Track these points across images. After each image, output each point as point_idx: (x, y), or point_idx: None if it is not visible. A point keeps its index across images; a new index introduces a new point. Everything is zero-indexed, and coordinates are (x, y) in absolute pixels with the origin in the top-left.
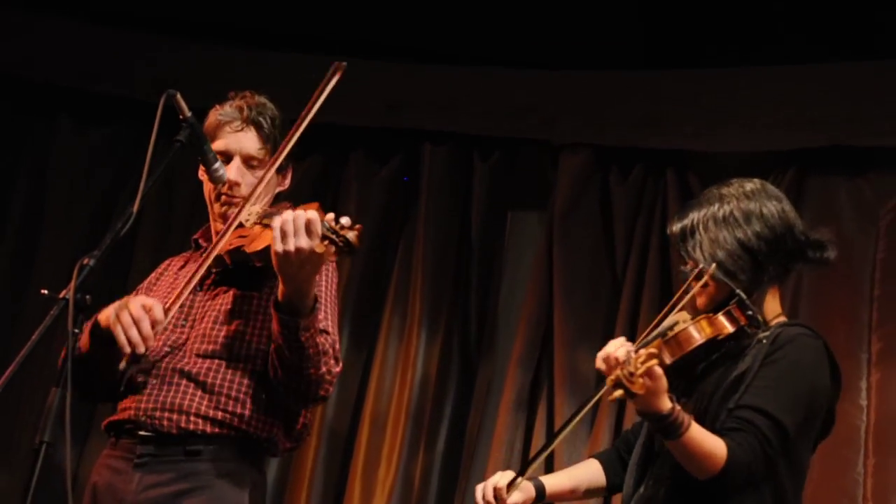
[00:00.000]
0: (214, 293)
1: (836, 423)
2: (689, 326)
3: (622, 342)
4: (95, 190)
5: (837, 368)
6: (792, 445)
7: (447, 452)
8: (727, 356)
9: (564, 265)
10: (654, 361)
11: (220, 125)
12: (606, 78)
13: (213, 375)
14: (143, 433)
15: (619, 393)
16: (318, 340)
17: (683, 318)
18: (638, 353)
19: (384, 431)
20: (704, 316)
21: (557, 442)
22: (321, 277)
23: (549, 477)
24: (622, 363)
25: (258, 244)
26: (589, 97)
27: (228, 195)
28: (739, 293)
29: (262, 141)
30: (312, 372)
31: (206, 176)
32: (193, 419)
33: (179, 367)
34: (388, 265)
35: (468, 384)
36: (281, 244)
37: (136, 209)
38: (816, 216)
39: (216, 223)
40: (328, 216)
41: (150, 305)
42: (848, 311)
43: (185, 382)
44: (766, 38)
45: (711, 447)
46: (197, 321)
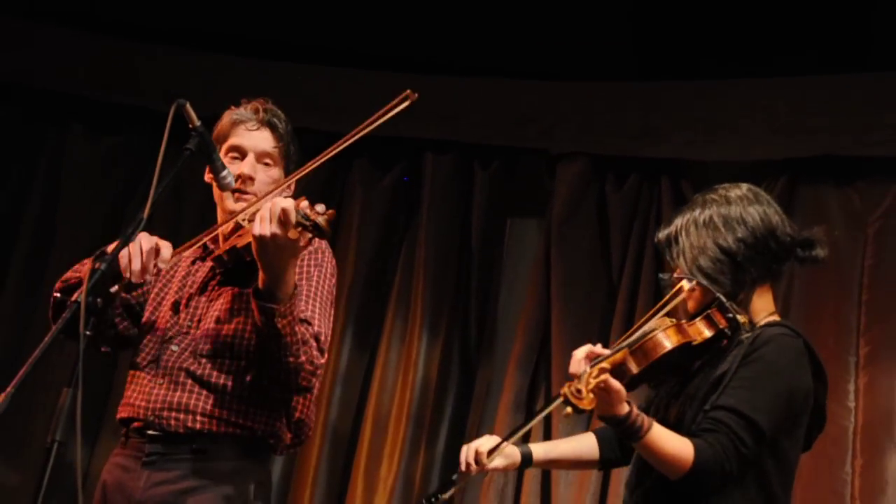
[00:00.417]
0: (219, 293)
1: (826, 421)
2: (657, 334)
3: (582, 355)
4: (107, 196)
5: (820, 365)
6: (777, 444)
7: (447, 452)
8: (713, 358)
9: (562, 270)
10: (604, 377)
11: (235, 124)
12: (603, 89)
13: (216, 375)
14: (151, 432)
15: (568, 409)
16: (296, 329)
17: (665, 323)
18: (591, 369)
19: (386, 431)
20: (674, 323)
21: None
22: (314, 271)
23: (538, 445)
24: (575, 379)
25: (247, 238)
26: (586, 107)
27: (241, 190)
28: (720, 297)
29: (276, 140)
30: (291, 360)
31: (213, 181)
32: (200, 419)
33: (185, 367)
34: (390, 269)
35: (468, 386)
36: (257, 229)
37: (146, 215)
38: (807, 224)
39: (222, 220)
40: (303, 203)
41: (160, 245)
42: (837, 315)
43: (190, 382)
44: (758, 50)
45: (675, 448)
46: (203, 322)
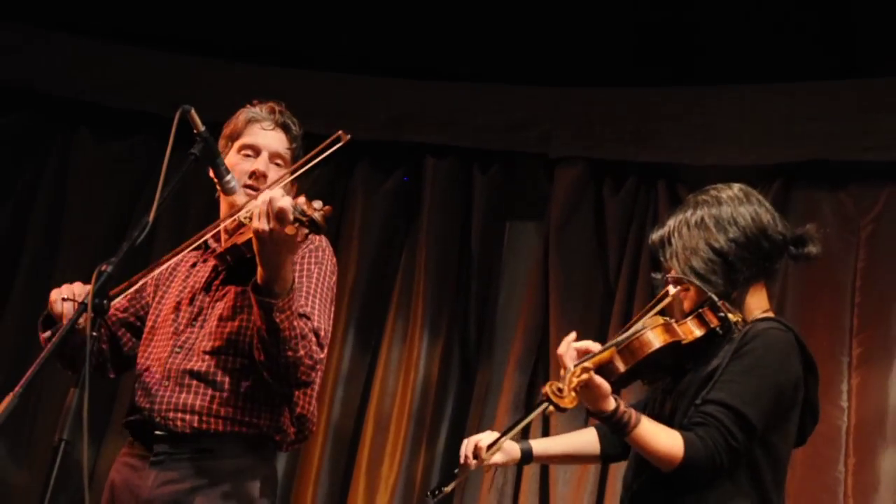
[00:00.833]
0: (223, 292)
1: (818, 423)
2: (645, 333)
3: (574, 353)
4: (112, 200)
5: (811, 358)
6: (767, 438)
7: (447, 451)
8: (705, 356)
9: (560, 273)
10: (586, 376)
11: (250, 122)
12: (600, 94)
13: (221, 373)
14: (158, 433)
15: (550, 408)
16: (295, 323)
17: (655, 322)
18: (574, 368)
19: (387, 431)
20: (664, 322)
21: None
22: (315, 268)
23: (538, 441)
24: (560, 377)
25: (248, 235)
26: (584, 113)
27: (254, 186)
28: (711, 296)
29: (289, 142)
30: (290, 354)
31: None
32: (206, 419)
33: (189, 367)
34: (391, 272)
35: (468, 386)
36: (256, 223)
37: (151, 218)
38: (800, 227)
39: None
40: (300, 199)
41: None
42: (830, 317)
43: (195, 383)
44: (752, 57)
45: (665, 442)
46: (207, 321)
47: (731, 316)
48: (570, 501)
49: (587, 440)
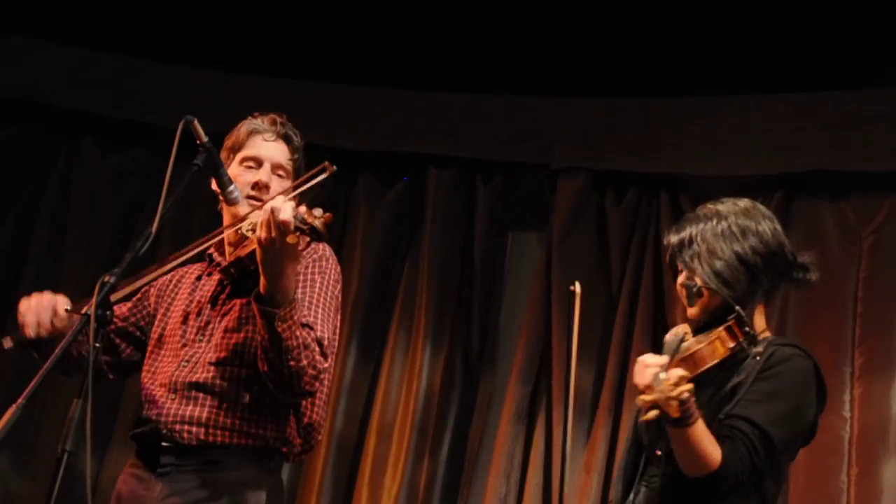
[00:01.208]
0: (230, 306)
1: (821, 433)
2: (703, 347)
3: (655, 360)
4: (116, 210)
5: (824, 387)
6: (778, 457)
7: (450, 461)
8: (721, 368)
9: (562, 283)
10: (689, 387)
11: (252, 134)
12: (602, 105)
13: (226, 385)
14: (164, 444)
15: (654, 413)
16: (297, 333)
17: (685, 329)
18: (668, 376)
19: (390, 441)
20: (717, 337)
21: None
22: (318, 277)
23: None
24: (654, 386)
25: (251, 247)
26: (586, 124)
27: (257, 197)
28: (738, 310)
29: (291, 153)
30: (292, 364)
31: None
32: (212, 431)
33: (195, 380)
34: (394, 282)
35: (470, 396)
36: (259, 233)
37: (154, 229)
38: (802, 237)
39: (228, 235)
40: (300, 207)
41: (57, 301)
42: (832, 327)
43: (202, 396)
44: (754, 68)
45: (710, 447)
46: (214, 334)
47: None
48: None
49: None
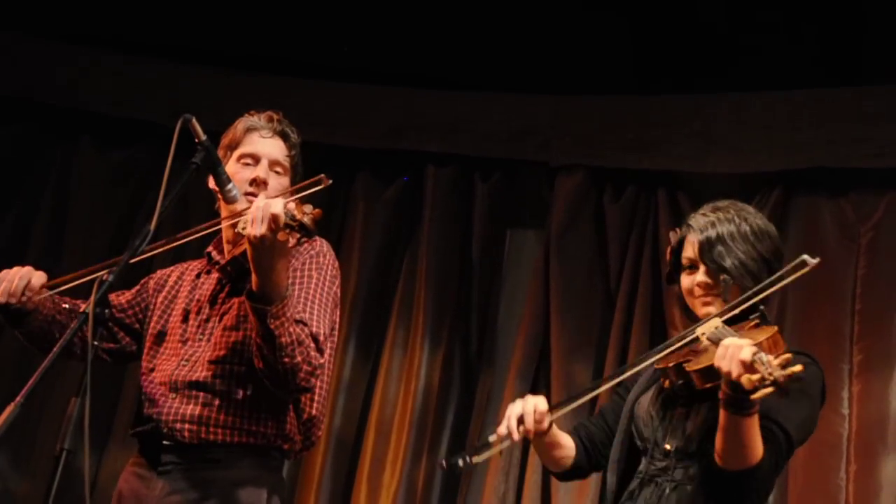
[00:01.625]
0: (228, 305)
1: (820, 431)
2: (764, 339)
3: (746, 341)
4: (115, 209)
5: (825, 392)
6: None
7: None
8: None
9: (561, 281)
10: (799, 367)
11: (249, 131)
12: (601, 103)
13: (225, 383)
14: (165, 443)
15: (768, 391)
16: (290, 330)
17: (716, 324)
18: (770, 357)
19: (389, 439)
20: (762, 331)
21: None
22: (315, 273)
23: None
24: (758, 366)
25: (245, 245)
26: (584, 121)
27: (255, 194)
28: (762, 310)
29: (288, 149)
30: (286, 361)
31: (217, 191)
32: (213, 430)
33: (194, 378)
34: (392, 280)
35: (469, 394)
36: (249, 229)
37: (153, 227)
38: (801, 234)
39: (227, 233)
40: (290, 204)
41: (33, 274)
42: (831, 324)
43: (202, 395)
44: (752, 64)
45: (758, 440)
46: (213, 333)
47: None
48: None
49: (569, 445)
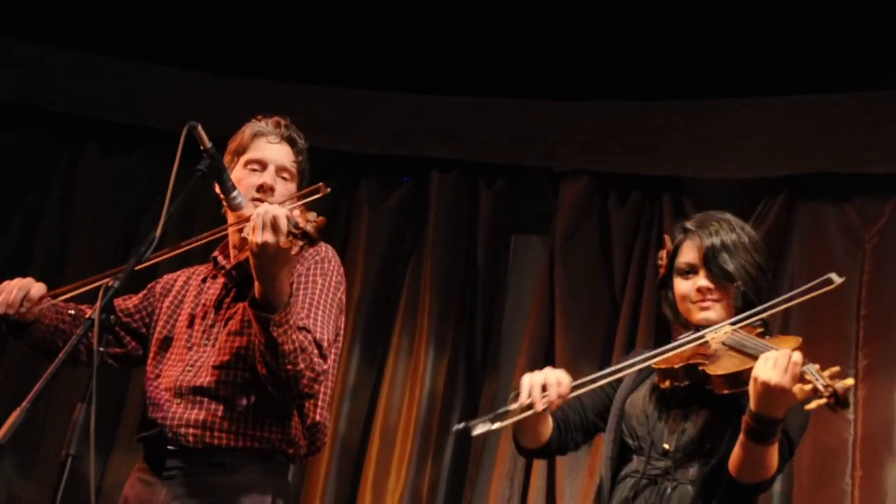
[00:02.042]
0: (233, 310)
1: (825, 436)
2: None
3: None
4: (120, 215)
5: None
6: None
7: (454, 464)
8: None
9: (565, 286)
10: (850, 381)
11: (256, 137)
12: (605, 108)
13: (229, 388)
14: (170, 448)
15: (823, 402)
16: (293, 337)
17: (726, 330)
18: (817, 368)
19: (394, 444)
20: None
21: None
22: (320, 279)
23: None
24: (808, 376)
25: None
26: (588, 127)
27: (262, 200)
28: (765, 320)
29: (295, 155)
30: (289, 368)
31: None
32: (217, 434)
33: (199, 384)
34: (397, 286)
35: (474, 399)
36: (251, 237)
37: (158, 234)
38: (805, 239)
39: (233, 238)
40: (294, 211)
41: (32, 285)
42: (836, 329)
43: (207, 400)
44: (756, 70)
45: (776, 458)
46: (217, 338)
47: None
48: None
49: (550, 422)
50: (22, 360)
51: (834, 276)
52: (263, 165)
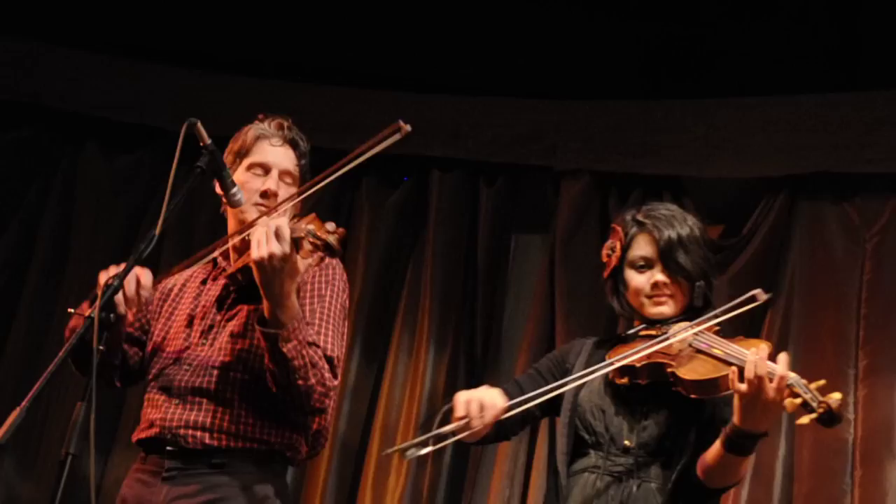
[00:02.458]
0: (235, 312)
1: (825, 436)
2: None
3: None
4: (120, 213)
5: None
6: None
7: (454, 463)
8: None
9: (566, 285)
10: (838, 395)
11: (259, 139)
12: (605, 107)
13: (230, 390)
14: (169, 448)
15: (815, 416)
16: (304, 352)
17: (684, 329)
18: (807, 382)
19: (394, 443)
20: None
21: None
22: (326, 289)
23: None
24: (796, 388)
25: None
26: (589, 126)
27: (264, 204)
28: (717, 312)
29: (297, 158)
30: (301, 384)
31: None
32: (217, 435)
33: (197, 384)
34: (397, 284)
35: None
36: (255, 252)
37: (158, 232)
38: (806, 239)
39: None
40: (312, 224)
41: (139, 273)
42: (836, 329)
43: (206, 401)
44: (756, 69)
45: (748, 466)
46: (217, 339)
47: None
48: None
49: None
50: (22, 360)
51: (760, 292)
52: (266, 170)
